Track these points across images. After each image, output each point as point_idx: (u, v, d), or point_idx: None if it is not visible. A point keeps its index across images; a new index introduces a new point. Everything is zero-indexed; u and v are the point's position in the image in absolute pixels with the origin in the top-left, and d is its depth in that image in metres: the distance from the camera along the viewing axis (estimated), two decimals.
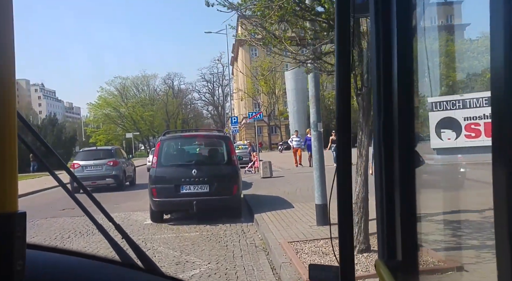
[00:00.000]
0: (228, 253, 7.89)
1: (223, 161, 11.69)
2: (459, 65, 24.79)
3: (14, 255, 0.75)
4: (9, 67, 0.74)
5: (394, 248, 1.30)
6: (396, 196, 1.28)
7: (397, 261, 1.28)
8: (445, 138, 18.20)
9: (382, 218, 1.34)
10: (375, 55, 1.32)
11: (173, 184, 10.84)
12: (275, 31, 6.98)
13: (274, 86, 69.60)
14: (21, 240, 0.77)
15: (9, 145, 0.74)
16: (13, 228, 0.75)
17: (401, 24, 1.23)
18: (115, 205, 14.60)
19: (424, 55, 2.79)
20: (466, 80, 27.39)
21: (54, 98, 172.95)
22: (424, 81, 3.82)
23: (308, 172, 21.54)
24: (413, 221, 1.29)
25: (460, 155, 8.45)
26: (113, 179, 20.06)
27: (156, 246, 8.61)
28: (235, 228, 10.14)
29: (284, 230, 8.90)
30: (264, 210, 11.48)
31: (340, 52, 1.27)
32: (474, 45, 25.91)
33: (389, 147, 1.28)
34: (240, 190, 11.56)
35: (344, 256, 1.30)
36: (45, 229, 11.19)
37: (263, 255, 7.66)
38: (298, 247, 7.41)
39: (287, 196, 14.15)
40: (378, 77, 1.31)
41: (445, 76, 23.16)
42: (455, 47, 24.72)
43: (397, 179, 1.27)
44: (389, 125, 1.27)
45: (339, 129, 1.31)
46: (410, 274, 1.30)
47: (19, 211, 0.77)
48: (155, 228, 10.53)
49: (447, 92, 22.45)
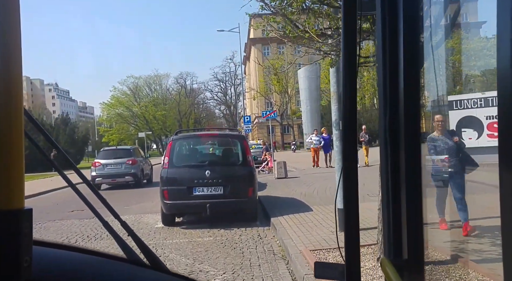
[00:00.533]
0: (244, 261, 7.30)
1: (238, 162, 11.05)
2: (474, 63, 23.95)
3: (21, 251, 0.76)
4: (16, 65, 0.75)
5: (400, 246, 1.31)
6: (402, 194, 1.29)
7: (403, 260, 1.30)
8: (466, 137, 17.40)
9: (388, 216, 1.36)
10: (381, 54, 1.33)
11: (186, 186, 10.24)
12: (296, 22, 6.39)
13: (287, 85, 69.14)
14: (27, 236, 0.77)
15: (16, 143, 0.75)
16: (19, 224, 0.76)
17: (408, 22, 1.24)
18: (126, 207, 14.09)
19: (435, 54, 2.83)
20: (483, 79, 26.49)
21: (68, 98, 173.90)
22: (439, 79, 3.75)
23: (325, 173, 21.06)
24: (419, 220, 1.30)
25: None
26: (132, 177, 21.00)
27: (168, 253, 8.04)
28: (251, 232, 9.55)
29: (304, 236, 8.29)
30: (281, 213, 10.88)
31: (346, 50, 1.26)
32: (490, 43, 24.98)
33: (395, 146, 1.30)
34: (256, 192, 10.92)
35: (350, 254, 1.29)
36: (52, 232, 10.68)
37: (283, 265, 7.06)
38: (321, 256, 6.81)
39: (304, 198, 13.53)
40: (384, 75, 1.32)
41: (459, 74, 22.34)
42: (471, 45, 23.99)
43: (403, 178, 1.29)
44: (395, 124, 1.29)
45: (344, 129, 1.32)
46: (415, 272, 1.31)
47: (26, 207, 0.77)
48: (167, 232, 9.97)
49: (463, 91, 21.59)
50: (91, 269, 1.10)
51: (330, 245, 7.41)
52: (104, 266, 1.13)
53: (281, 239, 8.32)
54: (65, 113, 65.03)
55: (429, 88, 5.76)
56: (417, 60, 1.29)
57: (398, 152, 1.29)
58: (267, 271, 6.74)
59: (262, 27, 7.70)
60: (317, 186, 16.13)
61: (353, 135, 1.30)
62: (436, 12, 4.63)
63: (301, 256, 6.90)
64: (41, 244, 1.07)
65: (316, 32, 6.01)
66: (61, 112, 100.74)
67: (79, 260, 1.11)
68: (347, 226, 1.29)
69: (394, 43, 1.27)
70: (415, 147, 1.28)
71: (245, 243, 8.54)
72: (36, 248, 0.84)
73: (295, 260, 6.78)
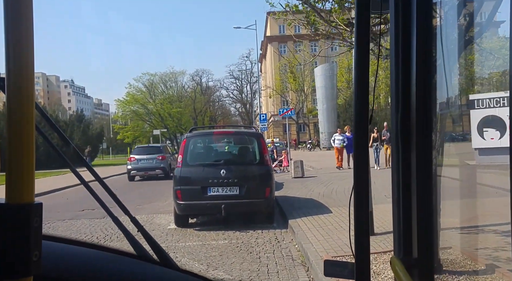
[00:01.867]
0: (261, 267, 6.84)
1: (254, 161, 10.54)
2: (493, 63, 23.46)
3: (31, 246, 0.76)
4: (28, 59, 0.75)
5: (410, 245, 1.31)
6: (413, 193, 1.29)
7: (413, 259, 1.30)
8: (488, 137, 16.74)
9: (399, 215, 1.35)
10: (394, 53, 1.33)
11: (200, 186, 9.79)
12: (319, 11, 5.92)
13: (303, 83, 68.68)
14: (37, 231, 0.77)
15: (27, 137, 0.75)
16: (29, 218, 0.76)
17: (421, 23, 1.24)
18: (138, 206, 13.72)
19: (450, 53, 2.74)
20: (502, 79, 25.82)
21: (84, 95, 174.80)
22: (455, 79, 3.84)
23: (344, 173, 20.53)
24: (429, 219, 1.30)
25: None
26: (161, 171, 24.63)
27: (180, 257, 7.59)
28: (268, 235, 9.09)
29: (324, 240, 7.80)
30: (299, 214, 10.41)
31: (359, 49, 1.25)
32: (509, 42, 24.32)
33: (407, 145, 1.30)
34: (273, 193, 10.42)
35: (360, 252, 1.29)
36: (61, 232, 10.27)
37: (303, 272, 6.58)
38: None
39: (322, 198, 13.03)
40: (396, 74, 1.32)
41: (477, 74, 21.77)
42: (489, 44, 23.45)
43: (414, 176, 1.28)
44: (407, 123, 1.29)
45: (356, 130, 1.28)
46: (425, 271, 1.30)
47: (36, 202, 0.77)
48: (179, 234, 9.54)
49: (481, 90, 21.26)
50: (100, 264, 1.13)
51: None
52: (113, 262, 1.16)
53: (300, 244, 7.85)
54: (80, 110, 64.96)
55: (443, 88, 5.40)
56: (429, 60, 1.28)
57: (409, 152, 1.29)
58: (286, 279, 6.28)
59: (283, 17, 7.19)
60: (335, 187, 15.62)
61: (364, 137, 1.28)
62: (451, 11, 4.37)
63: (322, 263, 6.42)
64: (50, 239, 1.12)
65: (343, 21, 5.52)
66: (76, 108, 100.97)
67: (88, 255, 1.14)
68: (357, 224, 1.29)
69: (407, 43, 1.27)
70: (426, 147, 1.28)
71: (262, 247, 8.08)
72: (46, 243, 0.86)
73: (316, 267, 6.30)
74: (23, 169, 0.75)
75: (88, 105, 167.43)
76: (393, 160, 1.37)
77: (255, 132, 12.35)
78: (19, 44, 0.74)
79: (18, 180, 0.75)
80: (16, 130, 0.74)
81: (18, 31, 0.74)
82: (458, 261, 5.88)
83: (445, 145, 6.51)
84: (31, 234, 0.76)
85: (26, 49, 0.75)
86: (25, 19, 0.75)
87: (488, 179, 12.54)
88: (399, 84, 1.31)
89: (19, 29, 0.74)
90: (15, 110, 0.75)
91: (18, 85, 0.74)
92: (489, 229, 7.09)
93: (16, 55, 0.74)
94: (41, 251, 0.78)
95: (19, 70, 0.74)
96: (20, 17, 0.74)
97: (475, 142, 17.82)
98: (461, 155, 17.34)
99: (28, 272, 0.76)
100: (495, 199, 8.57)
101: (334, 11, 5.38)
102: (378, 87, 53.67)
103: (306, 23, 5.76)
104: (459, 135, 28.13)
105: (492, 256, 5.91)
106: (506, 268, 5.37)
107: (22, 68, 0.74)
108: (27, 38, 0.75)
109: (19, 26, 0.74)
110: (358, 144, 1.29)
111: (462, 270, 5.55)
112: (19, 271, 0.75)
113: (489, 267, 5.56)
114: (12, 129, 0.74)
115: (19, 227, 0.75)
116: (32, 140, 0.76)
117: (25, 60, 0.75)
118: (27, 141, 0.75)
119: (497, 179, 11.36)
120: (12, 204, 0.75)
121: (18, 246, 0.75)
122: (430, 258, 1.31)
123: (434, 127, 4.98)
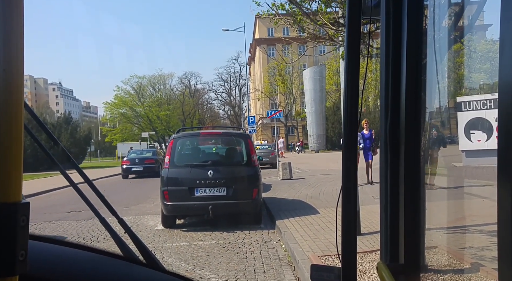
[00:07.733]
0: (248, 267, 6.83)
1: (242, 162, 10.54)
2: (481, 66, 23.59)
3: (17, 245, 0.75)
4: (17, 59, 0.75)
5: (396, 251, 1.32)
6: (400, 199, 1.29)
7: (399, 264, 1.31)
8: (475, 139, 16.81)
9: (386, 220, 1.35)
10: (384, 58, 1.34)
11: (187, 187, 9.76)
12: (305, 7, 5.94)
13: (292, 86, 68.81)
14: (24, 229, 0.77)
15: (15, 137, 0.75)
16: (16, 217, 0.75)
17: (412, 28, 1.26)
18: (125, 208, 13.64)
19: (439, 57, 2.79)
20: (490, 82, 25.95)
21: (72, 97, 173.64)
22: (443, 82, 3.94)
23: (332, 175, 20.54)
24: (417, 224, 1.30)
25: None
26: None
27: (167, 257, 7.57)
28: (255, 236, 9.08)
29: (311, 240, 7.82)
30: (286, 215, 10.42)
31: (349, 55, 1.25)
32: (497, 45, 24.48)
33: (395, 149, 1.31)
34: (261, 194, 10.41)
35: (346, 257, 1.28)
36: (47, 233, 10.19)
37: (289, 271, 6.59)
38: (330, 263, 6.34)
39: (310, 200, 13.05)
40: (386, 79, 1.33)
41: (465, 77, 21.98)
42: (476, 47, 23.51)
43: (401, 182, 1.29)
44: (395, 127, 1.30)
45: (345, 132, 1.27)
46: (412, 277, 1.30)
47: (23, 201, 0.77)
48: (167, 235, 9.50)
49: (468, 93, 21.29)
50: (86, 265, 1.12)
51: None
52: (99, 263, 1.15)
53: (287, 244, 7.86)
54: (68, 113, 64.53)
55: (433, 91, 5.44)
56: (419, 64, 1.29)
57: (397, 155, 1.29)
58: (272, 279, 6.27)
59: (270, 17, 7.19)
60: (323, 188, 15.65)
61: (353, 138, 1.27)
62: (444, 15, 4.43)
63: (309, 262, 6.42)
64: (37, 239, 1.11)
65: (329, 20, 5.54)
66: (64, 111, 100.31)
67: (74, 256, 1.14)
68: (344, 229, 1.28)
69: (398, 47, 1.28)
70: (414, 150, 1.28)
71: (249, 247, 8.08)
72: (32, 243, 0.85)
73: (302, 266, 6.31)
74: (11, 168, 0.74)
75: (76, 108, 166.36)
76: (381, 166, 1.36)
77: (243, 133, 12.32)
78: (8, 44, 0.74)
79: (5, 179, 0.74)
80: (4, 130, 0.74)
81: (7, 31, 0.74)
82: (444, 261, 5.92)
83: (433, 148, 6.57)
84: (17, 233, 0.75)
85: (16, 49, 0.75)
86: (15, 20, 0.75)
87: (475, 180, 12.64)
88: (389, 86, 1.32)
89: (9, 29, 0.74)
90: (4, 109, 0.74)
91: (8, 83, 0.74)
92: (474, 229, 7.14)
93: (6, 54, 0.74)
94: (27, 251, 0.77)
95: (8, 69, 0.74)
96: (10, 17, 0.74)
97: (462, 144, 17.93)
98: (449, 157, 17.44)
99: (13, 271, 0.75)
100: (480, 200, 8.63)
101: (320, 9, 5.42)
102: (366, 89, 53.88)
103: (293, 22, 5.79)
104: (447, 137, 28.30)
105: (477, 255, 5.95)
106: (491, 267, 5.40)
107: (12, 67, 0.74)
108: (17, 38, 0.75)
109: (9, 26, 0.74)
110: (347, 146, 1.28)
111: (448, 269, 5.59)
112: (4, 270, 0.74)
113: (474, 266, 5.60)
114: (0, 128, 0.74)
115: (5, 226, 0.74)
116: (21, 139, 0.76)
117: (15, 60, 0.75)
118: (16, 140, 0.75)
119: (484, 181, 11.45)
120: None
121: (4, 245, 0.74)
122: (417, 264, 1.31)
123: (423, 132, 5.02)
